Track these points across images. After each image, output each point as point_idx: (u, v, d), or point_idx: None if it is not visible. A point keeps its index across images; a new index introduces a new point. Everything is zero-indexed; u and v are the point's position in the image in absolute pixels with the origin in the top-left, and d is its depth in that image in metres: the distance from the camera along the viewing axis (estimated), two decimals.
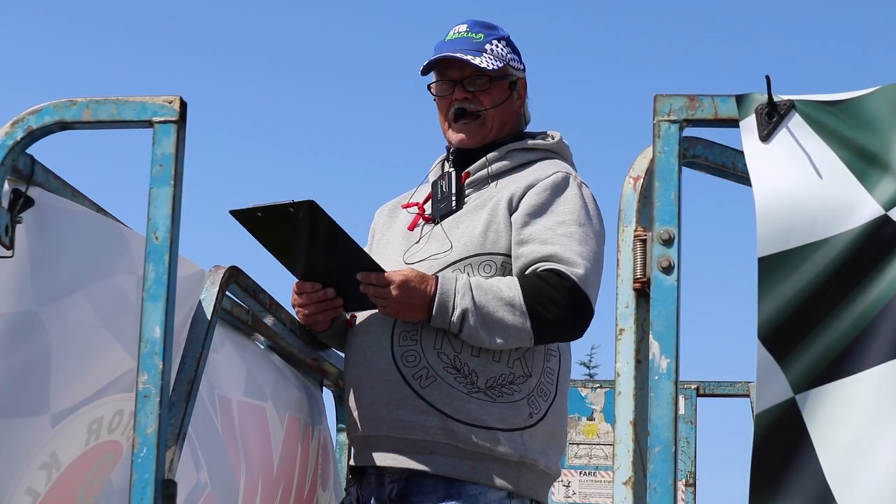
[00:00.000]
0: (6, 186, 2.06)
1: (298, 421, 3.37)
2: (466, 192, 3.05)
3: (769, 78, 1.86)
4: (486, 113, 3.06)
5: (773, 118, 1.88)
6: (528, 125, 3.18)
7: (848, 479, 1.77)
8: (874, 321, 1.81)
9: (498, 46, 3.08)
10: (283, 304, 3.09)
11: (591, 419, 5.98)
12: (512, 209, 2.93)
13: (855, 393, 1.79)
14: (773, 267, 1.82)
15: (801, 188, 1.84)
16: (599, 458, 5.96)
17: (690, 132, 1.97)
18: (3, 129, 2.07)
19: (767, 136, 1.88)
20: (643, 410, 1.88)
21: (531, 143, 3.08)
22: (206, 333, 2.53)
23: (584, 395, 5.98)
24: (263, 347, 3.28)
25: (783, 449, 1.80)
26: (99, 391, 2.32)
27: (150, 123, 2.05)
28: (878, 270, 1.82)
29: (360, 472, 2.99)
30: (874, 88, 1.88)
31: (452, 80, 3.07)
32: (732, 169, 2.06)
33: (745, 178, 1.93)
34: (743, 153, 1.90)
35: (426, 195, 3.12)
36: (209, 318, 2.55)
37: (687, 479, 5.51)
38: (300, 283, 2.94)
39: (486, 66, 3.02)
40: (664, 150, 1.90)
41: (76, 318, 2.23)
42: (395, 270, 2.83)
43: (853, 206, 1.83)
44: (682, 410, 5.51)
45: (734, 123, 1.91)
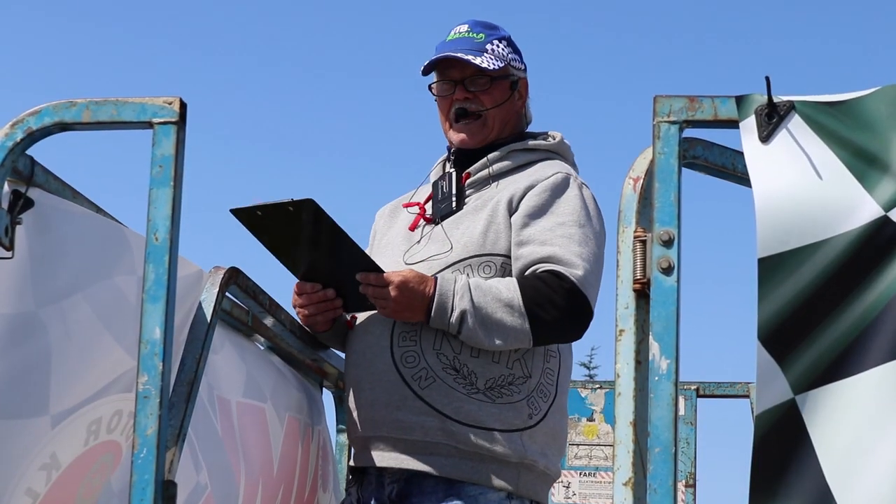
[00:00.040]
0: (6, 187, 2.06)
1: (298, 422, 3.37)
2: (467, 192, 3.04)
3: (769, 79, 1.87)
4: (487, 113, 3.05)
5: (772, 119, 1.88)
6: (529, 125, 3.18)
7: (848, 479, 1.77)
8: (874, 322, 1.80)
9: (499, 46, 3.08)
10: (282, 304, 3.09)
11: (591, 420, 5.98)
12: (512, 210, 2.93)
13: (855, 394, 1.79)
14: (772, 268, 1.82)
15: (800, 189, 1.84)
16: (599, 458, 5.96)
17: (690, 133, 1.97)
18: (2, 130, 2.06)
19: (767, 136, 1.88)
20: (643, 411, 1.88)
21: (532, 143, 3.08)
22: (205, 334, 2.53)
23: (583, 395, 5.98)
24: (263, 348, 3.28)
25: (783, 450, 1.80)
26: (98, 392, 2.32)
27: (149, 124, 2.05)
28: (878, 271, 1.82)
29: (360, 472, 2.99)
30: (874, 89, 1.88)
31: (453, 80, 3.07)
32: (732, 170, 2.06)
33: (744, 178, 1.92)
34: (743, 154, 1.90)
35: (427, 195, 3.12)
36: (209, 318, 2.55)
37: (687, 479, 5.51)
38: (300, 283, 2.94)
39: (486, 65, 3.02)
40: (664, 150, 1.90)
41: (76, 318, 2.22)
42: (394, 271, 2.83)
43: (853, 206, 1.83)
44: (682, 411, 5.51)
45: (734, 124, 1.91)
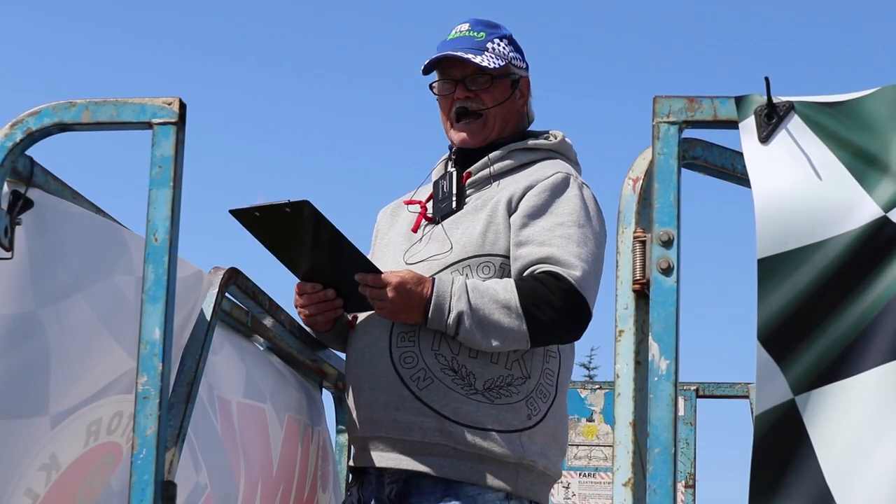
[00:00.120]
0: (5, 188, 2.06)
1: (298, 422, 3.37)
2: (468, 192, 3.04)
3: (768, 79, 1.87)
4: (487, 112, 3.05)
5: (772, 119, 1.88)
6: (531, 124, 3.18)
7: (847, 480, 1.77)
8: (874, 322, 1.80)
9: (500, 45, 3.07)
10: (282, 305, 3.09)
11: (590, 420, 5.97)
12: (511, 210, 2.93)
13: (854, 394, 1.79)
14: (772, 268, 1.82)
15: (800, 189, 1.84)
16: (599, 459, 5.96)
17: (690, 133, 1.97)
18: (2, 130, 2.06)
19: (767, 137, 1.88)
20: (643, 412, 1.88)
21: (532, 142, 3.07)
22: (205, 335, 2.53)
23: (583, 396, 5.98)
24: (263, 349, 3.28)
25: (783, 450, 1.80)
26: (98, 392, 2.32)
27: (149, 125, 2.05)
28: (877, 272, 1.81)
29: (360, 472, 2.99)
30: (873, 90, 1.88)
31: (454, 78, 3.06)
32: (732, 170, 2.06)
33: (744, 179, 1.92)
34: (742, 154, 1.90)
35: (429, 195, 3.12)
36: (209, 319, 2.55)
37: (686, 480, 5.51)
38: (301, 283, 2.94)
39: (487, 64, 3.01)
40: (663, 151, 1.90)
41: (76, 319, 2.22)
42: (392, 272, 2.82)
43: (852, 207, 1.83)
44: (681, 412, 5.51)
45: (733, 125, 1.91)
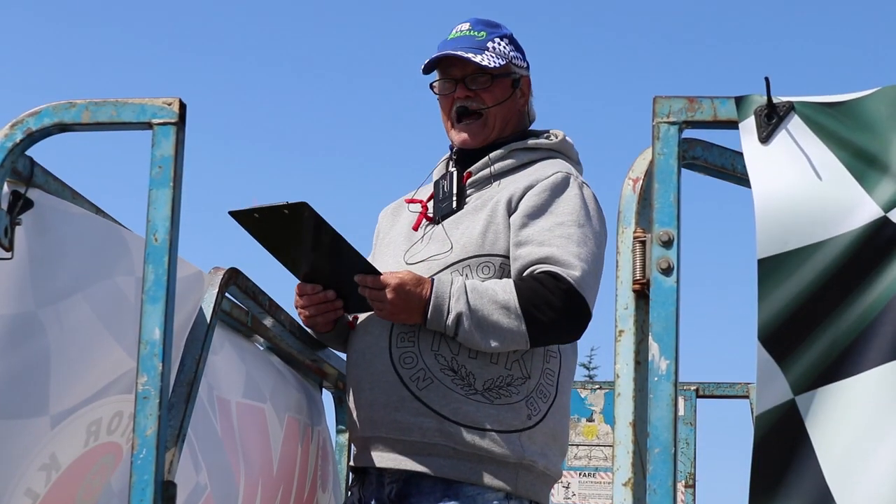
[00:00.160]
0: (6, 188, 2.06)
1: (298, 422, 3.37)
2: (468, 191, 3.03)
3: (768, 79, 1.86)
4: (488, 111, 3.04)
5: (772, 120, 1.88)
6: (532, 124, 3.17)
7: (848, 480, 1.77)
8: (874, 322, 1.80)
9: (500, 44, 3.07)
10: (282, 305, 3.09)
11: (590, 420, 5.97)
12: (511, 210, 2.92)
13: (855, 394, 1.79)
14: (772, 268, 1.82)
15: (800, 190, 1.84)
16: (599, 459, 5.96)
17: (690, 134, 1.97)
18: (2, 130, 2.06)
19: (767, 137, 1.88)
20: (643, 412, 1.88)
21: (531, 142, 3.06)
22: (205, 335, 2.53)
23: (583, 396, 5.97)
24: (263, 349, 3.28)
25: (783, 450, 1.80)
26: (98, 392, 2.32)
27: (149, 125, 2.05)
28: (877, 272, 1.81)
29: (361, 472, 2.99)
30: (873, 90, 1.88)
31: (454, 78, 3.06)
32: (732, 170, 2.06)
33: (744, 179, 1.92)
34: (742, 155, 1.90)
35: (429, 194, 3.11)
36: (209, 319, 2.55)
37: (686, 480, 5.50)
38: (301, 284, 2.93)
39: (487, 63, 3.01)
40: (663, 151, 1.90)
41: (76, 319, 2.22)
42: (391, 273, 2.82)
43: (852, 207, 1.83)
44: (681, 412, 5.50)
45: (733, 125, 1.91)
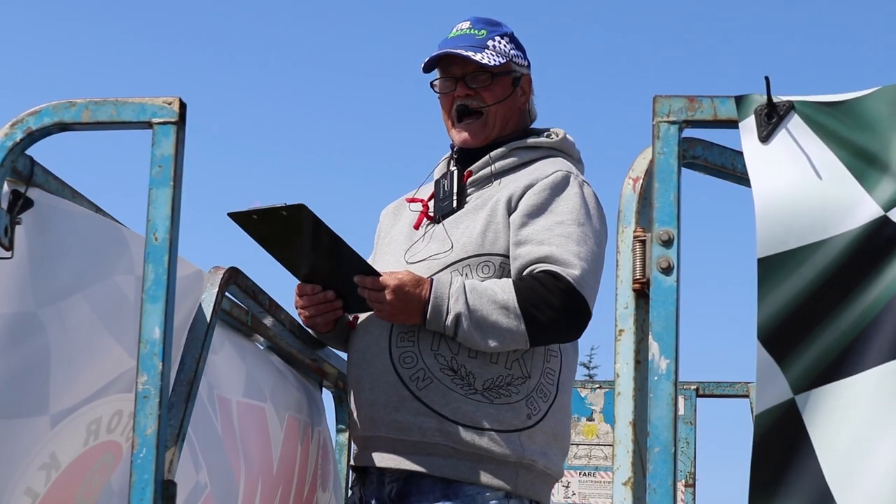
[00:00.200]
0: (6, 187, 2.06)
1: (298, 421, 3.37)
2: (469, 190, 3.03)
3: (768, 79, 1.86)
4: (488, 110, 3.04)
5: (772, 119, 1.88)
6: (534, 122, 3.17)
7: (848, 479, 1.77)
8: (874, 322, 1.80)
9: (501, 43, 3.06)
10: (282, 304, 3.09)
11: (590, 420, 5.97)
12: (511, 209, 2.92)
13: (854, 394, 1.79)
14: (772, 268, 1.82)
15: (800, 189, 1.84)
16: (599, 458, 5.96)
17: (690, 133, 1.97)
18: (2, 130, 2.06)
19: (767, 136, 1.88)
20: (643, 411, 1.88)
21: (531, 141, 3.06)
22: (205, 334, 2.53)
23: (583, 395, 5.98)
24: (263, 348, 3.28)
25: (783, 450, 1.80)
26: (98, 391, 2.32)
27: (149, 124, 2.05)
28: (877, 271, 1.81)
29: (362, 471, 2.99)
30: (873, 89, 1.88)
31: (455, 76, 3.06)
32: (732, 170, 2.06)
33: (744, 178, 1.92)
34: (742, 154, 1.90)
35: (430, 193, 3.11)
36: (209, 318, 2.55)
37: (686, 479, 5.50)
38: (301, 285, 2.94)
39: (487, 61, 3.00)
40: (663, 150, 1.90)
41: (76, 318, 2.22)
42: (390, 274, 2.82)
43: (852, 206, 1.83)
44: (681, 411, 5.50)
45: (733, 124, 1.91)
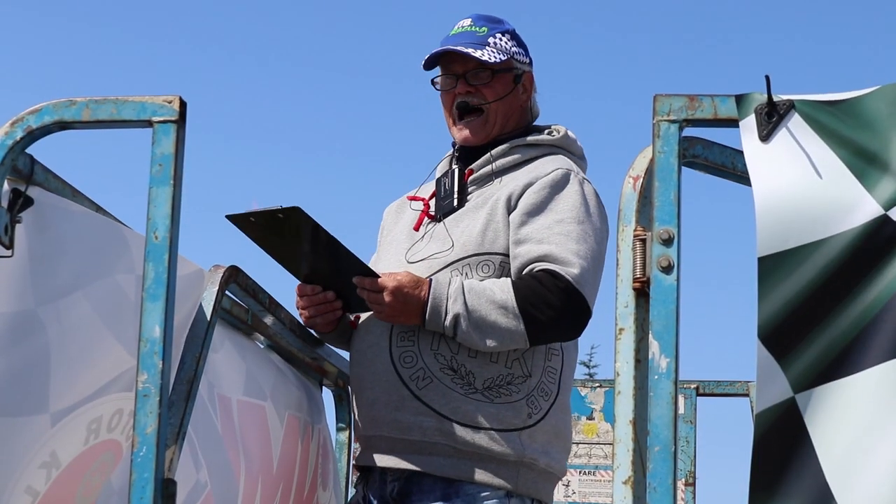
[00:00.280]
0: (6, 186, 2.06)
1: (298, 420, 3.37)
2: (470, 188, 3.02)
3: (769, 78, 1.86)
4: (488, 107, 3.03)
5: (772, 118, 1.88)
6: (536, 120, 3.15)
7: (848, 478, 1.77)
8: (874, 321, 1.80)
9: (502, 40, 3.05)
10: (282, 303, 3.09)
11: (590, 418, 5.97)
12: (510, 208, 2.91)
13: (855, 392, 1.79)
14: (772, 266, 1.82)
15: (800, 188, 1.84)
16: (599, 457, 5.96)
17: (690, 132, 1.97)
18: (2, 128, 2.06)
19: (767, 135, 1.88)
20: (643, 410, 1.88)
21: (531, 138, 3.05)
22: (205, 333, 2.53)
23: (583, 394, 5.97)
24: (263, 347, 3.28)
25: (783, 448, 1.80)
26: (98, 390, 2.32)
27: (149, 123, 2.05)
28: (877, 270, 1.81)
29: (366, 470, 2.99)
30: (874, 88, 1.88)
31: (455, 73, 3.05)
32: (732, 169, 2.06)
33: (744, 177, 1.92)
34: (742, 153, 1.90)
35: (432, 192, 3.11)
36: (209, 317, 2.55)
37: (687, 478, 5.50)
38: (301, 285, 2.94)
39: (487, 58, 3.00)
40: (664, 149, 1.90)
41: (76, 317, 2.22)
42: (389, 275, 2.82)
43: (853, 205, 1.83)
44: (681, 410, 5.50)
45: (734, 123, 1.91)
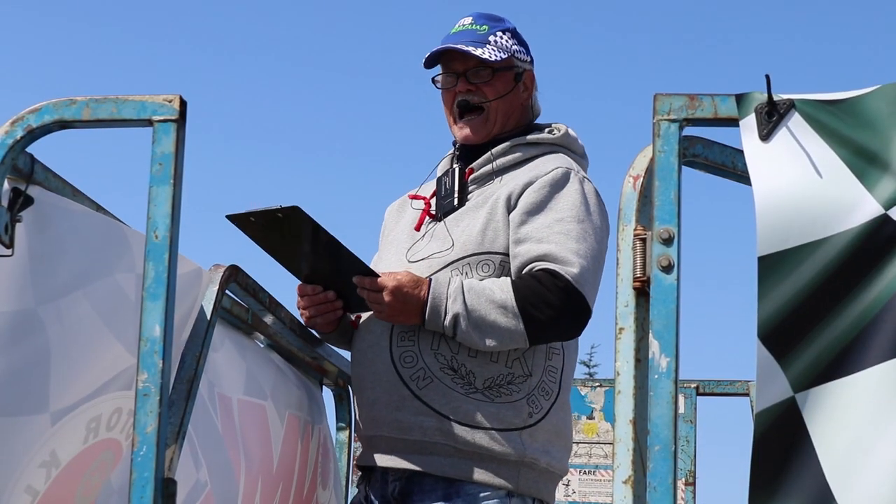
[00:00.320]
0: (6, 185, 2.05)
1: (298, 419, 3.37)
2: (470, 188, 3.02)
3: (769, 77, 1.86)
4: (489, 105, 3.02)
5: (772, 117, 1.88)
6: (537, 119, 3.14)
7: (848, 478, 1.77)
8: (874, 320, 1.80)
9: (503, 38, 3.05)
10: (282, 302, 3.10)
11: (590, 418, 5.97)
12: (510, 207, 2.91)
13: (855, 392, 1.79)
14: (772, 266, 1.82)
15: (800, 187, 1.84)
16: (599, 456, 5.96)
17: (690, 131, 1.96)
18: (2, 127, 2.06)
19: (767, 135, 1.88)
20: (643, 409, 1.88)
21: (530, 137, 3.04)
22: (205, 332, 2.53)
23: (583, 393, 5.97)
24: (263, 346, 3.28)
25: (783, 448, 1.80)
26: (98, 389, 2.32)
27: (149, 122, 2.05)
28: (877, 269, 1.81)
29: (368, 469, 2.99)
30: (874, 87, 1.88)
31: (456, 72, 3.04)
32: (732, 168, 2.06)
33: (744, 177, 1.92)
34: (743, 152, 1.90)
35: (433, 191, 3.11)
36: (209, 316, 2.55)
37: (687, 477, 5.50)
38: (302, 285, 2.94)
39: (488, 56, 2.99)
40: (664, 149, 1.90)
41: (76, 316, 2.22)
42: (389, 274, 2.82)
43: (853, 205, 1.83)
44: (681, 409, 5.50)
45: (734, 122, 1.91)
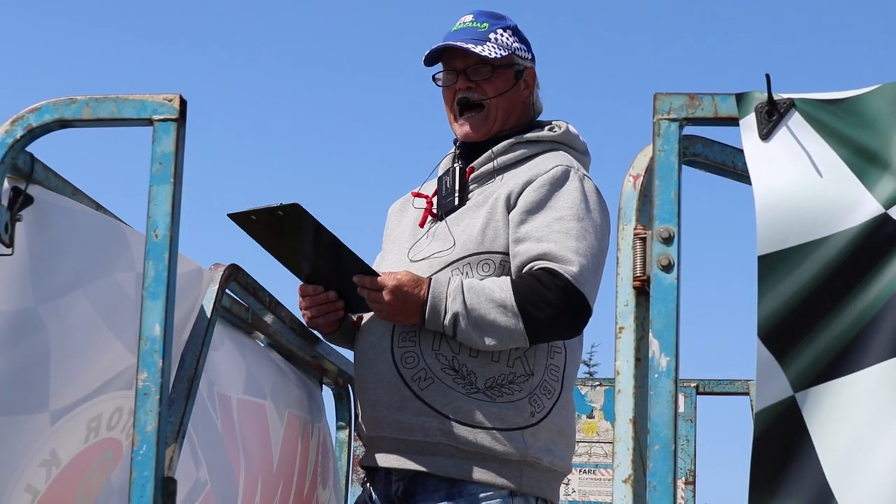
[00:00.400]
0: (6, 184, 2.05)
1: (298, 419, 3.37)
2: (471, 186, 3.02)
3: (769, 76, 1.86)
4: (489, 102, 3.02)
5: (772, 116, 1.88)
6: (539, 116, 3.14)
7: (848, 477, 1.77)
8: (874, 319, 1.80)
9: (503, 35, 3.05)
10: (282, 302, 3.10)
11: (590, 417, 5.97)
12: (510, 206, 2.90)
13: (855, 391, 1.79)
14: (772, 265, 1.82)
15: (800, 186, 1.84)
16: (599, 456, 5.96)
17: (690, 130, 1.96)
18: (3, 126, 2.06)
19: (767, 134, 1.88)
20: (643, 408, 1.88)
21: (530, 135, 3.03)
22: (205, 331, 2.53)
23: (583, 393, 5.97)
24: (263, 345, 3.28)
25: (783, 447, 1.80)
26: (98, 388, 2.32)
27: (149, 121, 2.05)
28: (877, 269, 1.81)
29: (371, 470, 2.99)
30: (874, 87, 1.88)
31: (456, 69, 3.04)
32: (732, 167, 2.06)
33: (744, 176, 1.92)
34: (743, 151, 1.90)
35: (434, 190, 3.10)
36: (209, 315, 2.55)
37: (686, 477, 5.50)
38: (303, 285, 2.93)
39: (488, 54, 2.99)
40: (664, 148, 1.90)
41: (76, 315, 2.22)
42: (389, 274, 2.81)
43: (853, 204, 1.83)
44: (681, 408, 5.50)
45: (734, 122, 1.91)
